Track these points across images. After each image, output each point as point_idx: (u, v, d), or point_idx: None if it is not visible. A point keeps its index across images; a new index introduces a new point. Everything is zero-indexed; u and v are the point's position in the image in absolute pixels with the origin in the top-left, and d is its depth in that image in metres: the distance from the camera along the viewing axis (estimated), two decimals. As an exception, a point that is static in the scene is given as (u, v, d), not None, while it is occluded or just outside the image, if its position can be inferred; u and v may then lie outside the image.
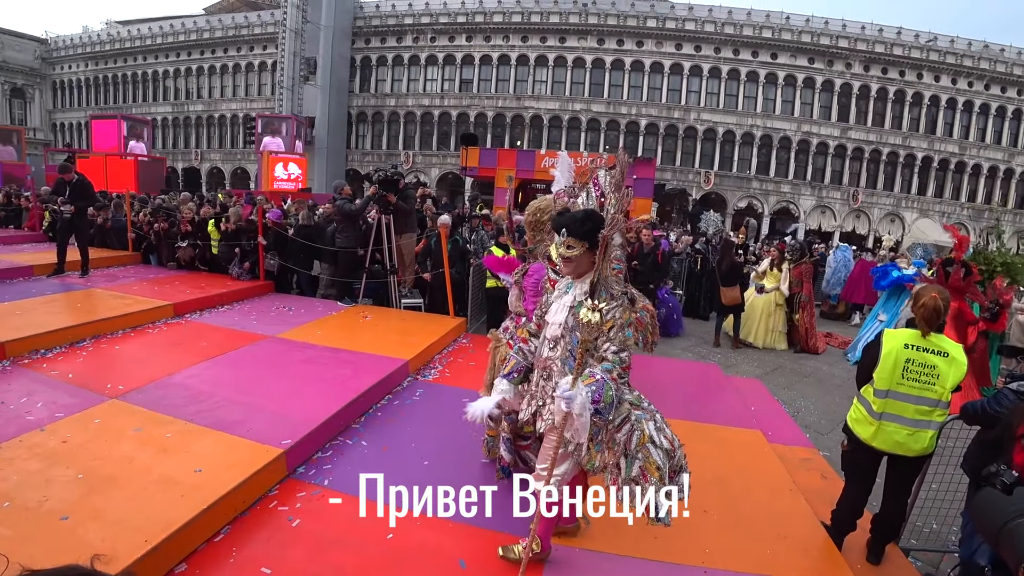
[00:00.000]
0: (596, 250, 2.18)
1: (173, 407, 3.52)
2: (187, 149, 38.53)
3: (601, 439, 2.23)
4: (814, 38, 30.06)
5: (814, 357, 8.24)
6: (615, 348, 2.18)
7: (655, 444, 2.17)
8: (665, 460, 2.16)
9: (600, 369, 2.15)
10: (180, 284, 6.90)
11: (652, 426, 2.20)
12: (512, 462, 3.21)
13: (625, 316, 2.22)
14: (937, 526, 3.70)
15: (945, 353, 2.86)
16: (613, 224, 2.19)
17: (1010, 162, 30.86)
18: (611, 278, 2.30)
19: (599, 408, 2.06)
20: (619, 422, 2.20)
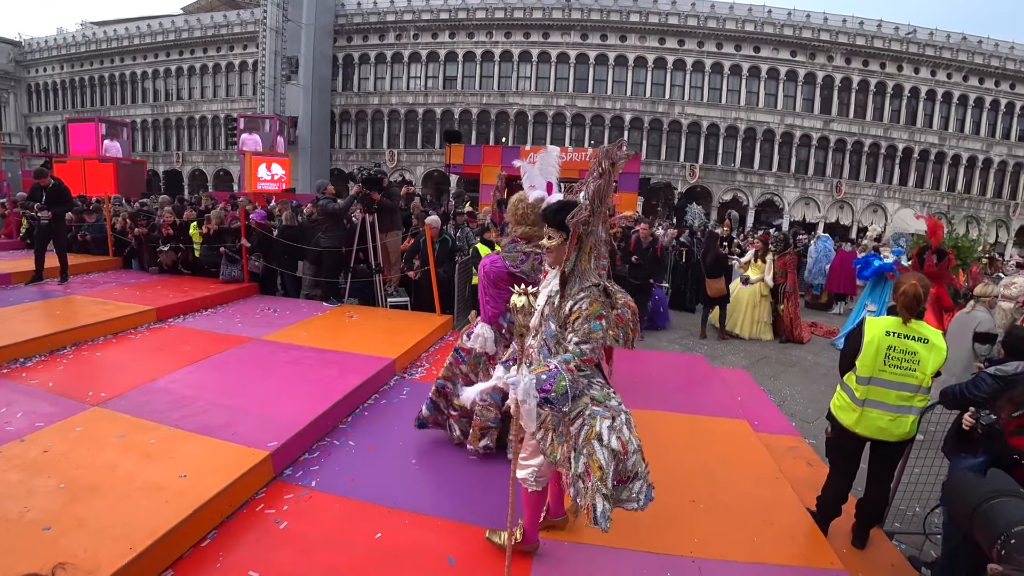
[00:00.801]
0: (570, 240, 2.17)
1: (156, 413, 3.48)
2: (168, 151, 37.98)
3: (560, 431, 2.22)
4: (796, 31, 30.32)
5: (799, 347, 8.34)
6: (577, 339, 2.14)
7: (601, 442, 2.11)
8: (610, 461, 2.08)
9: (558, 359, 2.12)
10: (162, 288, 6.81)
11: (606, 424, 2.13)
12: (430, 419, 3.57)
13: (592, 308, 2.14)
14: (920, 509, 3.76)
15: (925, 339, 2.91)
16: (579, 213, 2.13)
17: (988, 152, 31.41)
18: (589, 270, 2.23)
19: (549, 398, 2.01)
20: (574, 415, 2.17)
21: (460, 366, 3.50)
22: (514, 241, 3.28)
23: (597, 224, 2.21)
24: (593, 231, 2.20)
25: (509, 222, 3.31)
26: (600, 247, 2.28)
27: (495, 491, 3.05)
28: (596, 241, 2.24)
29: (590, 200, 2.15)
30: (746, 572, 2.67)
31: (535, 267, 3.19)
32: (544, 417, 2.26)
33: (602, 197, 2.17)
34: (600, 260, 2.29)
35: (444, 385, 3.55)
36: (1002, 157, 31.53)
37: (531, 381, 1.98)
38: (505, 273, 3.19)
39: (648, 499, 2.23)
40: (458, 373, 3.51)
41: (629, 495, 2.20)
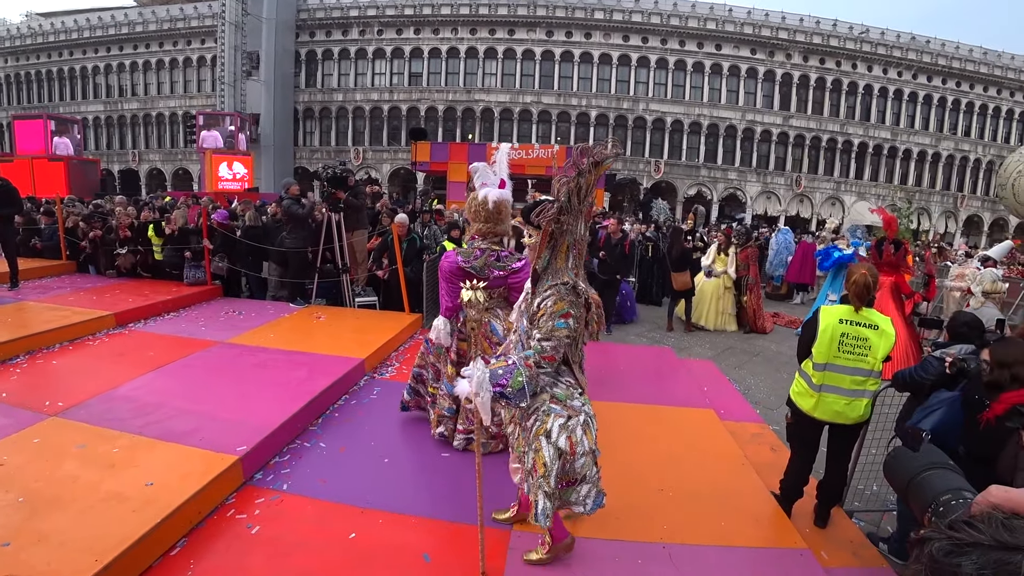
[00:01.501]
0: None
1: (119, 421, 3.39)
2: (123, 150, 36.58)
3: (523, 425, 2.23)
4: (756, 29, 31.09)
5: (762, 336, 8.60)
6: (539, 336, 2.11)
7: (549, 438, 2.10)
8: (554, 459, 2.08)
9: (517, 355, 2.12)
10: (121, 293, 6.59)
11: (558, 422, 2.13)
12: (411, 403, 3.78)
13: (558, 306, 2.11)
14: (877, 488, 3.96)
15: (875, 326, 3.06)
16: (547, 211, 2.11)
17: (937, 147, 32.92)
18: (564, 269, 2.19)
19: (505, 392, 2.00)
20: (532, 410, 2.18)
21: (428, 356, 3.68)
22: (472, 238, 3.36)
23: (575, 223, 2.16)
24: (570, 229, 2.15)
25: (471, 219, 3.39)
26: (581, 246, 2.23)
27: (468, 487, 3.07)
28: (575, 240, 2.19)
29: (559, 197, 2.10)
30: (714, 555, 2.75)
31: (488, 263, 3.25)
32: (513, 413, 2.27)
33: (580, 195, 2.10)
34: (580, 260, 2.24)
35: (419, 372, 3.75)
36: (949, 151, 33.09)
37: (486, 374, 1.99)
38: (457, 268, 3.25)
39: (597, 505, 2.22)
40: (428, 362, 3.67)
41: (577, 498, 2.21)
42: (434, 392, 3.62)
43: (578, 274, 2.23)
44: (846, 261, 8.18)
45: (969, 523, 0.54)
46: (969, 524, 0.54)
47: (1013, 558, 0.49)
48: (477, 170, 3.33)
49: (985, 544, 0.52)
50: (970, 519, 0.55)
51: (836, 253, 8.54)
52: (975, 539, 0.53)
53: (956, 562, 0.52)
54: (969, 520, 0.55)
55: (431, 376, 3.67)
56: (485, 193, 3.25)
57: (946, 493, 0.76)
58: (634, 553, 2.69)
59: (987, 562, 0.50)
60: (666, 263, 8.82)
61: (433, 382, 3.65)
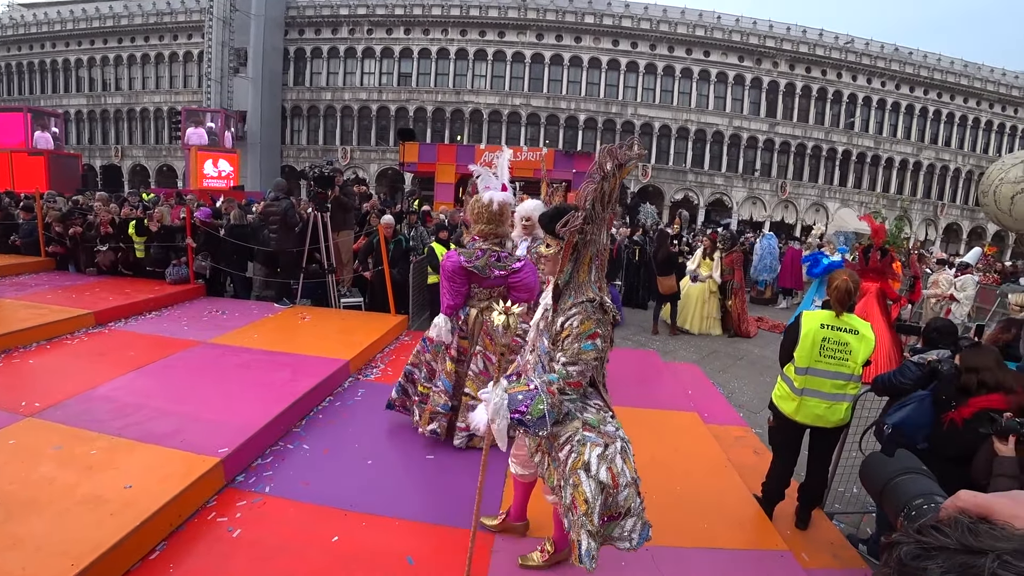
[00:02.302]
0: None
1: (97, 422, 3.33)
2: (106, 145, 35.97)
3: (553, 456, 2.06)
4: (743, 37, 31.47)
5: (747, 340, 8.70)
6: (565, 359, 1.95)
7: (588, 472, 1.93)
8: (597, 494, 1.92)
9: (540, 379, 1.95)
10: (101, 291, 6.48)
11: (595, 452, 1.96)
12: (397, 401, 3.76)
13: (585, 326, 1.95)
14: (857, 490, 4.03)
15: (856, 331, 3.12)
16: (573, 220, 1.93)
17: (918, 156, 33.56)
18: (587, 283, 2.03)
19: (523, 420, 1.86)
20: (563, 440, 2.02)
21: (425, 354, 3.65)
22: (473, 238, 3.37)
23: (599, 232, 2.00)
24: (593, 240, 1.99)
25: (472, 220, 3.41)
26: (603, 257, 2.07)
27: (452, 489, 3.07)
28: (597, 251, 2.03)
29: (585, 205, 1.93)
30: (697, 557, 2.78)
31: (489, 263, 3.29)
32: (539, 441, 2.12)
33: (603, 202, 1.94)
34: (602, 272, 2.09)
35: (411, 371, 3.72)
36: (930, 160, 33.74)
37: (504, 400, 1.85)
38: (460, 267, 3.28)
39: (644, 538, 2.07)
40: (423, 361, 3.66)
41: (621, 533, 2.03)
42: (425, 391, 3.62)
43: (602, 288, 2.08)
44: (836, 267, 8.31)
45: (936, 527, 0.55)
46: (936, 528, 0.55)
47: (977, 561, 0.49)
48: (479, 174, 3.40)
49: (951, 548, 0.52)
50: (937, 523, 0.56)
51: (825, 260, 8.66)
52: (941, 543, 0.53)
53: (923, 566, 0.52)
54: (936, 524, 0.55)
55: (423, 375, 3.66)
56: (490, 196, 3.30)
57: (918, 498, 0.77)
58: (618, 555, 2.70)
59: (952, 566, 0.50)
60: (652, 267, 8.88)
61: (425, 382, 3.65)
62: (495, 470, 2.77)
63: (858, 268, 7.23)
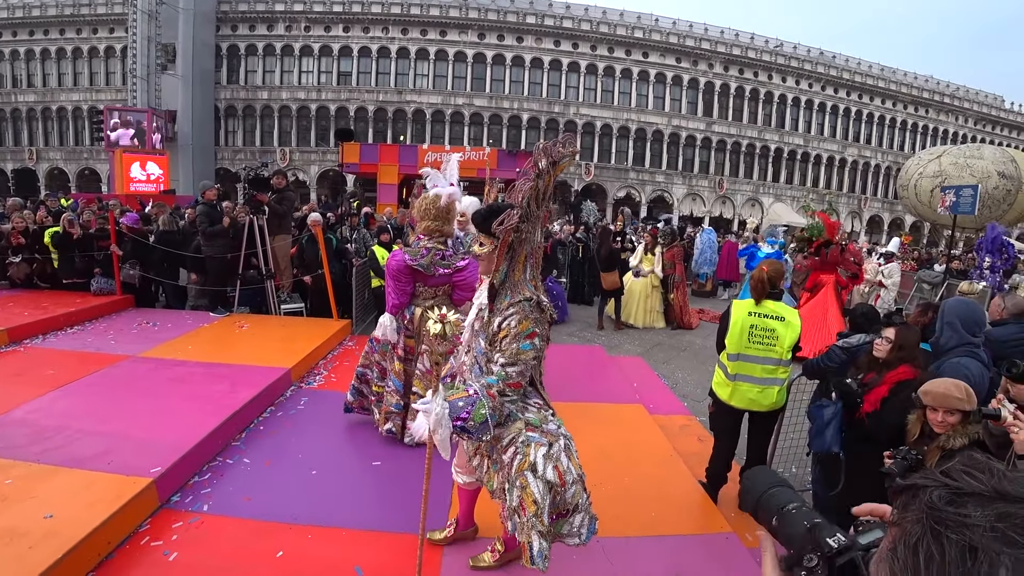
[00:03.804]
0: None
1: (12, 448, 3.09)
2: (17, 147, 33.21)
3: (494, 458, 2.05)
4: (680, 39, 32.50)
5: (689, 332, 9.00)
6: (503, 360, 1.93)
7: (535, 472, 1.92)
8: (545, 494, 1.91)
9: (479, 383, 1.92)
10: (14, 306, 6.00)
11: (540, 452, 1.95)
12: (355, 404, 3.79)
13: (523, 326, 1.92)
14: (796, 469, 4.24)
15: (781, 318, 3.29)
16: (509, 219, 1.90)
17: (843, 153, 35.74)
18: (523, 281, 2.01)
19: (467, 427, 1.82)
20: (507, 442, 2.00)
21: (373, 354, 3.66)
22: (418, 237, 3.37)
23: (533, 230, 1.99)
24: (528, 238, 1.98)
25: (416, 220, 3.42)
26: (538, 255, 2.06)
27: (399, 495, 3.04)
28: (532, 249, 2.02)
29: (521, 203, 1.91)
30: (646, 545, 2.85)
31: (434, 261, 3.30)
32: (478, 444, 2.10)
33: (538, 200, 1.93)
34: (537, 270, 2.08)
35: (364, 372, 3.74)
36: (854, 157, 36.00)
37: (445, 409, 1.80)
38: (404, 266, 3.27)
39: (591, 532, 2.09)
40: (373, 361, 3.67)
41: (570, 530, 2.05)
42: (379, 391, 3.62)
43: (537, 286, 2.07)
44: (771, 258, 8.73)
45: (967, 471, 0.52)
46: (967, 472, 0.52)
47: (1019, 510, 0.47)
48: (428, 174, 3.40)
49: (985, 494, 0.49)
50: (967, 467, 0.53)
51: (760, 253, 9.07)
52: (973, 488, 0.50)
53: (963, 512, 0.49)
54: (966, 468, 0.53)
55: (376, 375, 3.66)
56: (437, 191, 3.30)
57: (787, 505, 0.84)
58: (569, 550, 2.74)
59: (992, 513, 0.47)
60: (596, 263, 9.04)
61: (378, 381, 3.65)
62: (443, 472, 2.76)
63: (816, 263, 7.66)
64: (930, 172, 14.28)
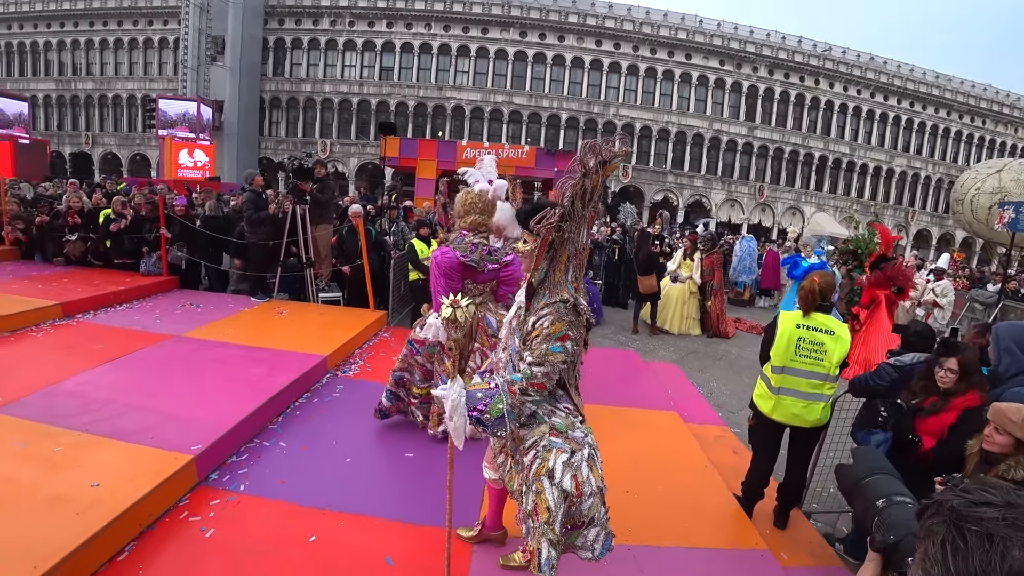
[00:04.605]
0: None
1: (63, 418, 3.20)
2: (75, 131, 34.83)
3: (517, 459, 2.02)
4: (724, 42, 31.85)
5: (725, 341, 8.79)
6: (531, 359, 1.89)
7: (552, 479, 1.89)
8: (559, 502, 1.88)
9: (502, 378, 1.90)
10: (69, 281, 6.25)
11: (561, 459, 1.91)
12: (391, 408, 3.66)
13: (555, 327, 1.88)
14: (834, 490, 4.07)
15: (831, 331, 3.16)
16: (549, 217, 1.87)
17: (891, 163, 34.42)
18: (563, 282, 1.96)
19: (482, 419, 1.80)
20: (529, 444, 1.97)
21: (416, 357, 3.57)
22: (462, 233, 3.29)
23: (578, 230, 1.92)
24: (571, 238, 1.92)
25: (458, 214, 3.33)
26: (582, 256, 2.00)
27: (431, 489, 3.02)
28: (576, 250, 1.96)
29: (564, 202, 1.86)
30: (678, 556, 2.78)
31: (484, 257, 3.25)
32: (503, 442, 2.08)
33: (584, 200, 1.86)
34: (580, 272, 2.01)
35: (401, 376, 3.63)
36: (903, 168, 34.64)
37: (462, 397, 1.79)
38: (457, 263, 3.20)
39: (606, 549, 2.04)
40: (414, 364, 3.57)
41: (584, 542, 2.00)
42: (423, 392, 3.56)
43: (578, 288, 2.01)
44: (816, 270, 8.46)
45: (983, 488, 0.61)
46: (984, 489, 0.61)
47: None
48: (468, 172, 3.40)
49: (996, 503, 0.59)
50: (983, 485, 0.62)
51: (804, 263, 8.80)
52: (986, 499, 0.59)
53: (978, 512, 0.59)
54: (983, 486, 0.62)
55: (418, 377, 3.57)
56: (481, 186, 3.28)
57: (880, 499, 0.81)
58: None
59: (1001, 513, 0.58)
60: (633, 266, 8.91)
61: (421, 383, 3.56)
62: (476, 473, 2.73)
63: (872, 279, 7.38)
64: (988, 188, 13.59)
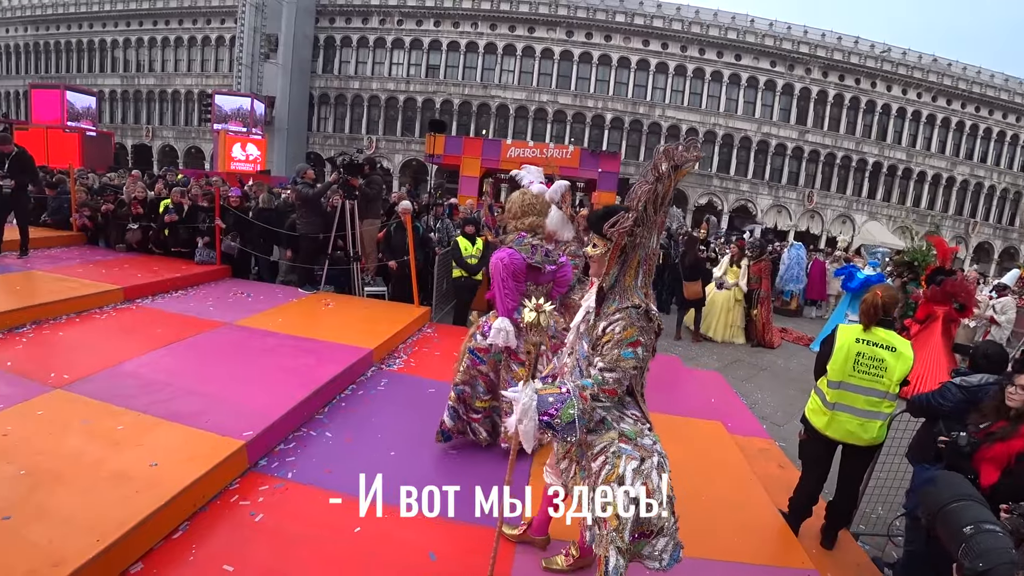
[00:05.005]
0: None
1: (124, 398, 3.34)
2: (137, 125, 36.63)
3: (583, 465, 2.00)
4: (776, 42, 30.91)
5: (770, 351, 8.53)
6: (602, 365, 1.88)
7: (621, 486, 1.87)
8: (629, 509, 1.87)
9: (573, 384, 1.90)
10: (130, 267, 6.54)
11: (631, 465, 1.89)
12: (456, 429, 3.40)
13: (627, 333, 1.86)
14: (883, 512, 3.91)
15: (893, 348, 3.01)
16: (622, 222, 1.85)
17: (952, 171, 32.66)
18: (633, 288, 1.94)
19: (553, 423, 1.81)
20: (598, 450, 1.96)
21: (479, 367, 3.35)
22: (521, 234, 3.20)
23: (649, 235, 1.91)
24: (642, 243, 1.91)
25: (513, 215, 3.24)
26: (652, 262, 1.99)
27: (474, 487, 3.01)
28: (646, 255, 1.95)
29: (637, 207, 1.84)
30: (720, 571, 2.70)
31: (544, 259, 3.20)
32: (569, 447, 2.06)
33: (656, 204, 1.85)
34: (649, 278, 2.01)
35: (463, 390, 3.38)
36: (964, 176, 32.84)
37: (533, 401, 1.81)
38: (524, 265, 3.13)
39: (674, 560, 2.00)
40: (477, 375, 3.36)
41: (651, 552, 1.97)
42: (484, 406, 3.37)
43: (648, 293, 2.00)
44: (874, 282, 8.11)
45: None
46: None
47: None
48: (520, 174, 3.38)
49: None
50: None
51: (860, 274, 8.46)
52: None
53: None
54: None
55: (481, 390, 3.37)
56: (539, 188, 3.25)
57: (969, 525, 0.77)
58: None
59: None
60: (678, 271, 8.74)
61: (484, 395, 3.38)
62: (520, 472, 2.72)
63: (930, 294, 7.05)
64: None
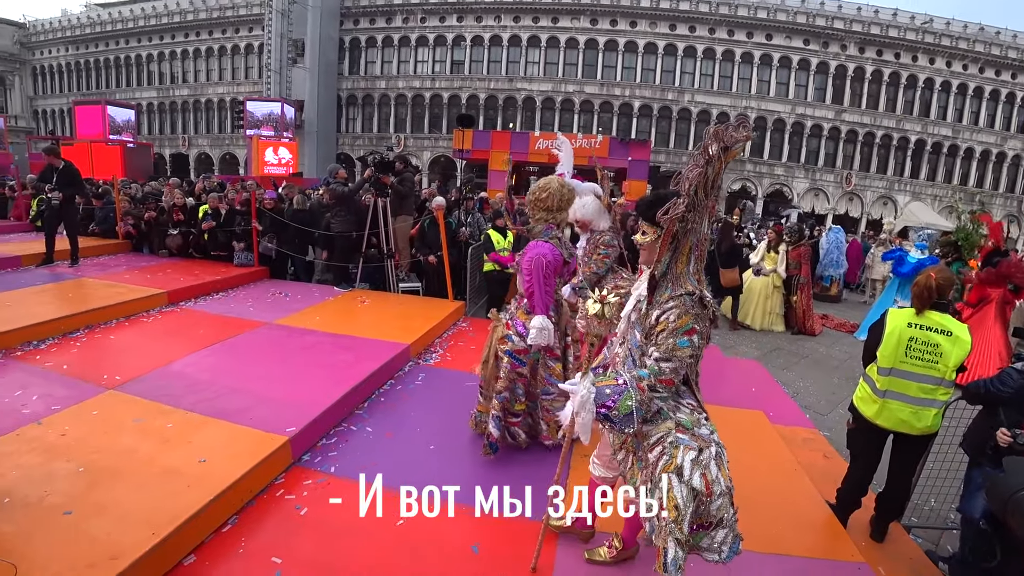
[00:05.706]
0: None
1: (172, 397, 3.47)
2: (174, 135, 37.83)
3: (640, 456, 1.98)
4: (809, 19, 29.83)
5: (811, 339, 8.28)
6: (658, 355, 1.86)
7: (681, 476, 1.84)
8: (688, 501, 1.83)
9: (630, 375, 1.88)
10: (173, 272, 6.79)
11: (689, 456, 1.86)
12: (500, 437, 3.29)
13: (682, 321, 1.83)
14: (936, 504, 3.76)
15: (948, 332, 2.88)
16: (675, 208, 1.81)
17: (1002, 146, 30.90)
18: (686, 274, 1.92)
19: (610, 415, 1.81)
20: (654, 440, 1.93)
21: (519, 369, 3.23)
22: (549, 226, 3.15)
23: (700, 220, 1.88)
24: (694, 229, 1.88)
25: (547, 208, 3.14)
26: (703, 247, 1.95)
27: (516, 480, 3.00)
28: (698, 240, 1.92)
29: (688, 192, 1.80)
30: (767, 563, 2.65)
31: (571, 254, 3.19)
32: (624, 438, 2.04)
33: (706, 188, 1.81)
34: (701, 264, 1.97)
35: (506, 397, 3.27)
36: (1016, 151, 31.01)
37: (591, 393, 1.81)
38: (562, 261, 3.10)
39: (733, 552, 1.98)
40: (517, 377, 3.25)
41: (710, 544, 1.95)
42: (521, 408, 3.29)
43: (700, 280, 1.97)
44: (926, 265, 7.80)
45: None
46: None
47: None
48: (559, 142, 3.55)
49: None
50: None
51: (911, 258, 8.13)
52: None
53: None
54: None
55: (520, 392, 3.27)
56: (573, 182, 3.29)
57: None
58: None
59: None
60: (714, 258, 8.54)
61: (522, 397, 3.29)
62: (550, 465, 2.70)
63: (983, 275, 6.75)
64: None
